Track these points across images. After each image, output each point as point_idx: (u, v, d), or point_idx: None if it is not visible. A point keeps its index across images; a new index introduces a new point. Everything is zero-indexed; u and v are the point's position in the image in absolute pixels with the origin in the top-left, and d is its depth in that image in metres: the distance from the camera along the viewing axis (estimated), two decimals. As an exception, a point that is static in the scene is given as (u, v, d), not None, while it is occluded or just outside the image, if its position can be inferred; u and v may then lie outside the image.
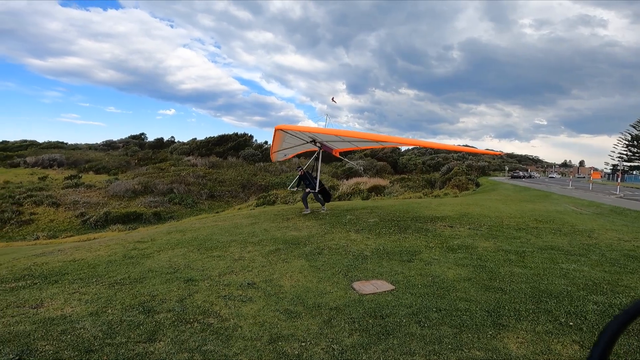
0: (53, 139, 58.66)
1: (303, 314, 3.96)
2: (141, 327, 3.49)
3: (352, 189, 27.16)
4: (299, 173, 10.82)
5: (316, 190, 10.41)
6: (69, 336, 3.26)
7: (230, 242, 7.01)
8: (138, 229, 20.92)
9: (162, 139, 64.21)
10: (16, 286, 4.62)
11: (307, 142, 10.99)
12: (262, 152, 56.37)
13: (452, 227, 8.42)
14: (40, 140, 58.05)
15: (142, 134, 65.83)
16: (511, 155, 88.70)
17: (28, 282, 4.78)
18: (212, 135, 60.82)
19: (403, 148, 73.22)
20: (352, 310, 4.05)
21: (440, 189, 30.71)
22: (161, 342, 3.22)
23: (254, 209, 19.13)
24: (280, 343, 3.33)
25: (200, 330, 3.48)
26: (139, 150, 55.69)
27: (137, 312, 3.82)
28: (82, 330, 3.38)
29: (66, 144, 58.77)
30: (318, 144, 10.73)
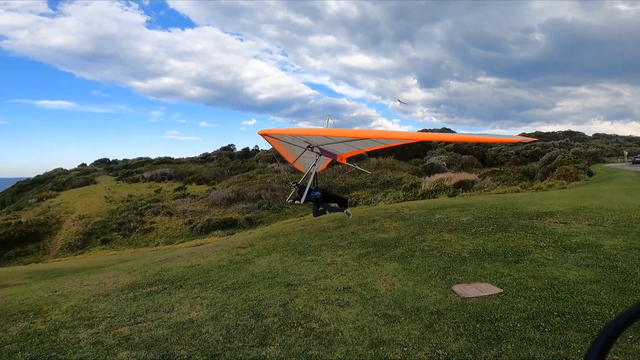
0: (161, 154, 68.06)
1: (402, 318, 3.89)
2: (253, 331, 3.82)
3: (436, 186, 25.72)
4: (294, 189, 10.18)
5: (302, 202, 9.54)
6: (197, 340, 3.71)
7: (320, 246, 7.24)
8: (235, 234, 23.06)
9: (247, 148, 69.31)
10: (151, 291, 5.44)
11: (305, 149, 9.71)
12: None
13: (565, 223, 7.36)
14: (152, 156, 67.97)
15: (231, 145, 71.89)
16: (629, 138, 73.60)
17: (159, 287, 5.61)
18: (291, 142, 63.34)
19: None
20: (455, 315, 3.86)
21: (541, 180, 27.06)
22: (271, 347, 3.48)
23: (337, 211, 19.40)
24: (381, 348, 3.33)
25: (304, 335, 3.66)
26: (230, 161, 61.16)
27: (249, 316, 4.19)
28: (207, 334, 3.83)
29: (172, 158, 67.61)
30: (316, 150, 9.63)
